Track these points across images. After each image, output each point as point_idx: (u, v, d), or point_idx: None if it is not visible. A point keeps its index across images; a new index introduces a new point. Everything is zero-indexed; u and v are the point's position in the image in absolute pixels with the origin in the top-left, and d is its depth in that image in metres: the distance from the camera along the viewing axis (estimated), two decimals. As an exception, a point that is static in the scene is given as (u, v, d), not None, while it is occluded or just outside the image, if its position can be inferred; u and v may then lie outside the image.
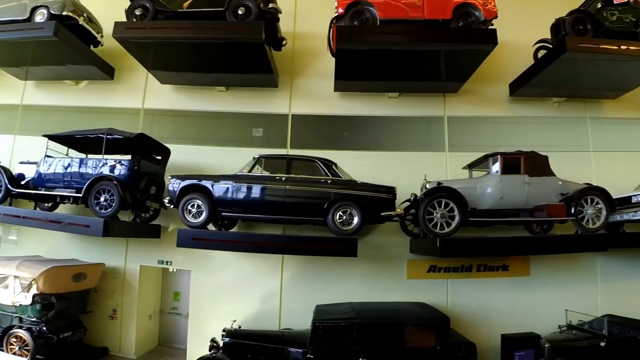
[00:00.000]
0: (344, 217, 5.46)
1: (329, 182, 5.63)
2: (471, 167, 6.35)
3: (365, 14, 6.11)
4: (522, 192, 5.58)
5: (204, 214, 5.59)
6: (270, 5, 6.41)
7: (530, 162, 5.70)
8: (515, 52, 7.14)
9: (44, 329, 5.83)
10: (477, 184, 5.74)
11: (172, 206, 5.81)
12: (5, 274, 5.86)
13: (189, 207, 5.64)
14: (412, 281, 6.61)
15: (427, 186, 5.73)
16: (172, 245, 6.27)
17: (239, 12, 6.19)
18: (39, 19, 6.61)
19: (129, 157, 6.25)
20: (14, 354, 5.76)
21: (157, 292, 7.64)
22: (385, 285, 6.59)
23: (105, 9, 7.37)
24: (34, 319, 5.86)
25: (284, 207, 5.57)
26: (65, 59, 7.08)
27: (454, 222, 5.39)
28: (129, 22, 6.42)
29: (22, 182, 6.54)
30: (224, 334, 5.69)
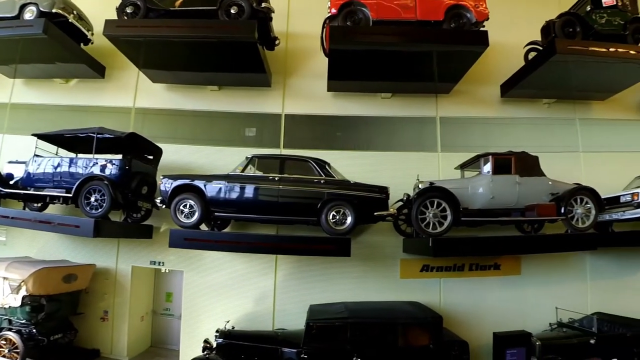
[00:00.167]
0: (338, 217, 5.47)
1: (322, 182, 5.63)
2: (463, 167, 6.41)
3: (358, 14, 6.12)
4: (513, 192, 5.65)
5: (197, 214, 5.55)
6: (263, 4, 6.37)
7: (521, 162, 5.78)
8: (506, 54, 7.21)
9: (34, 331, 5.74)
10: (469, 184, 5.80)
11: (164, 206, 5.77)
12: (-7, 275, 5.76)
13: (181, 207, 5.60)
14: (405, 280, 6.65)
15: (420, 186, 5.76)
16: (164, 245, 6.23)
17: (232, 11, 6.15)
18: (28, 16, 6.51)
19: (120, 156, 6.19)
20: (4, 357, 5.67)
21: (149, 293, 7.57)
22: (378, 284, 6.62)
23: (96, 6, 7.27)
24: (24, 321, 5.76)
25: (277, 207, 5.56)
26: (54, 57, 6.98)
27: (446, 222, 5.44)
28: (120, 20, 6.35)
29: (11, 182, 6.46)
30: (218, 334, 5.66)
